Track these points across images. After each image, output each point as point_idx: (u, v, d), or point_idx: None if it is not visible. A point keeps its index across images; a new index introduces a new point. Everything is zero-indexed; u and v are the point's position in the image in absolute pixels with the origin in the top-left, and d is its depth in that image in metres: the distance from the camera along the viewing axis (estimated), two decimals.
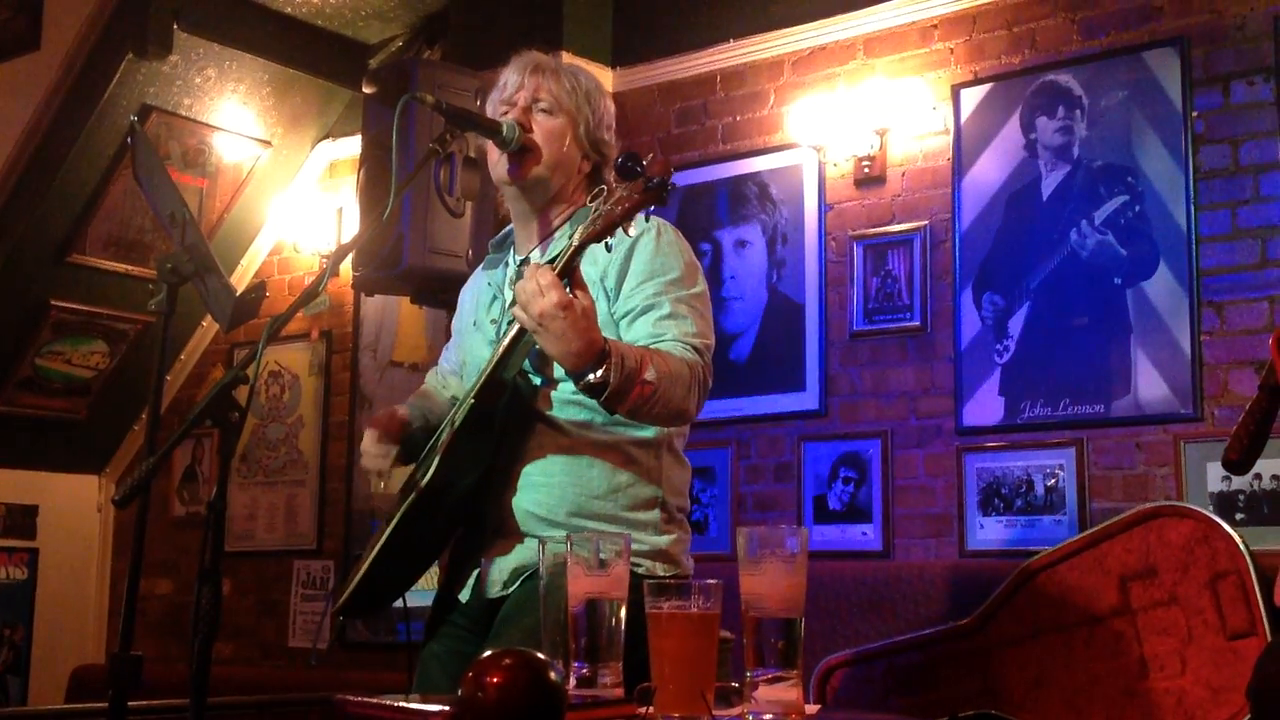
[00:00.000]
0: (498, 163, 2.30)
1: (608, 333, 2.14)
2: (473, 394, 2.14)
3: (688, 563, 2.27)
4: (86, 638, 6.47)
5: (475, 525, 2.27)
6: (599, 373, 1.97)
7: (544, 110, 2.29)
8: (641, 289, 2.18)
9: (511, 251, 2.39)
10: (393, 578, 2.25)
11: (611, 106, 2.39)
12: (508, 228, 2.42)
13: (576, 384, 2.02)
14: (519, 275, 2.30)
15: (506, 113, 2.29)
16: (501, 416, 2.16)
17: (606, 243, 1.97)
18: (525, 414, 2.13)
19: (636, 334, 2.16)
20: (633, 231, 1.96)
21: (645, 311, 2.17)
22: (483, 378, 2.13)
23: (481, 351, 2.28)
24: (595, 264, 2.17)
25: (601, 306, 2.16)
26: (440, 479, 2.13)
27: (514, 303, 2.02)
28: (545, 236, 2.30)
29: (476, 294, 2.45)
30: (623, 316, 2.18)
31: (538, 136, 2.27)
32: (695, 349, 2.15)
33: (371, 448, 2.31)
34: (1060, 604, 3.77)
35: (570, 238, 2.00)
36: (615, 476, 2.19)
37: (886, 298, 4.51)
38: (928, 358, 4.41)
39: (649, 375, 2.01)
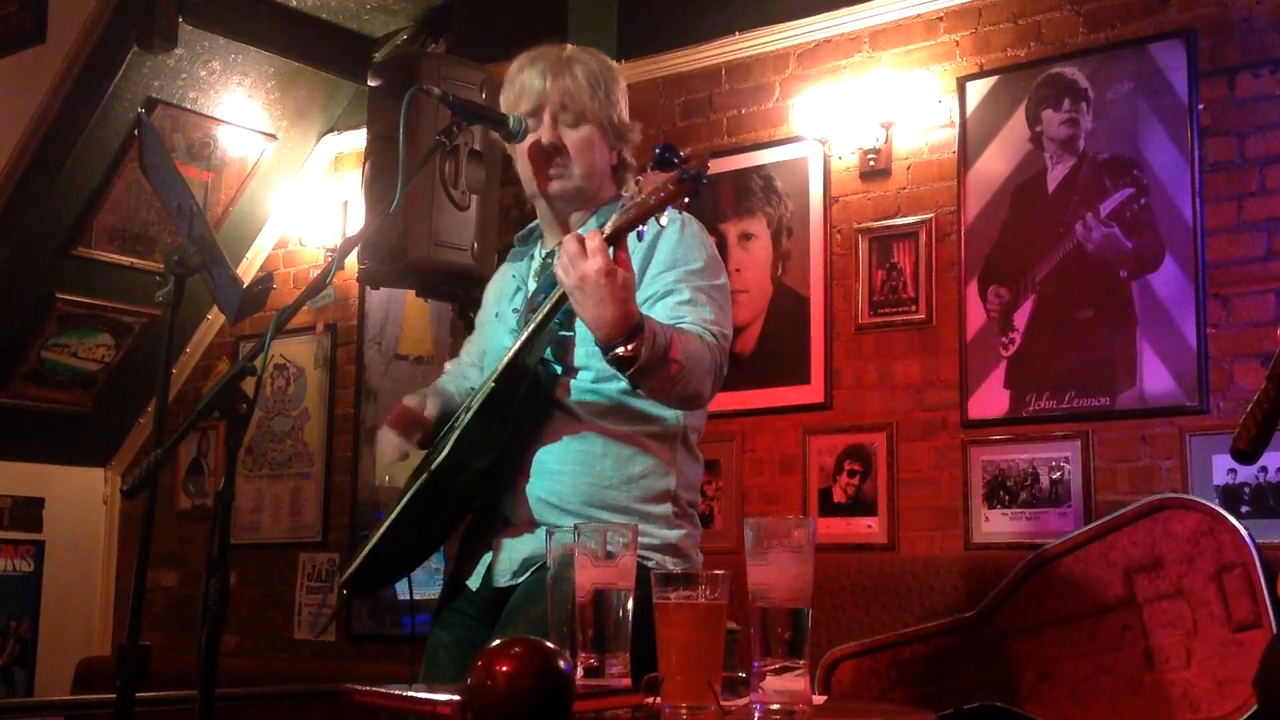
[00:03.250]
0: (530, 180, 2.30)
1: None
2: (493, 378, 2.14)
3: (697, 557, 2.28)
4: (92, 629, 6.49)
5: (487, 512, 2.27)
6: (630, 346, 1.93)
7: (570, 124, 2.28)
8: (663, 276, 2.18)
9: (539, 245, 2.40)
10: (399, 556, 2.27)
11: (622, 83, 2.36)
12: (534, 222, 2.43)
13: (605, 355, 1.98)
14: (544, 267, 2.31)
15: (530, 128, 2.28)
16: (519, 403, 2.17)
17: (639, 230, 1.96)
18: (543, 401, 2.13)
19: (655, 317, 2.15)
20: (664, 221, 1.94)
21: (665, 296, 2.16)
22: (504, 362, 2.13)
23: (502, 340, 2.28)
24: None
25: None
26: (453, 461, 2.14)
27: (542, 290, 2.01)
28: (574, 228, 2.30)
29: (501, 285, 2.45)
30: (643, 302, 2.18)
31: (570, 148, 2.26)
32: (714, 335, 2.15)
33: (391, 436, 2.32)
34: (1066, 596, 3.78)
35: (602, 226, 1.99)
36: (629, 467, 2.20)
37: (891, 290, 4.51)
38: (933, 350, 4.41)
39: (678, 354, 2.00)
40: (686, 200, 1.92)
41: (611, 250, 1.93)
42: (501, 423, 2.16)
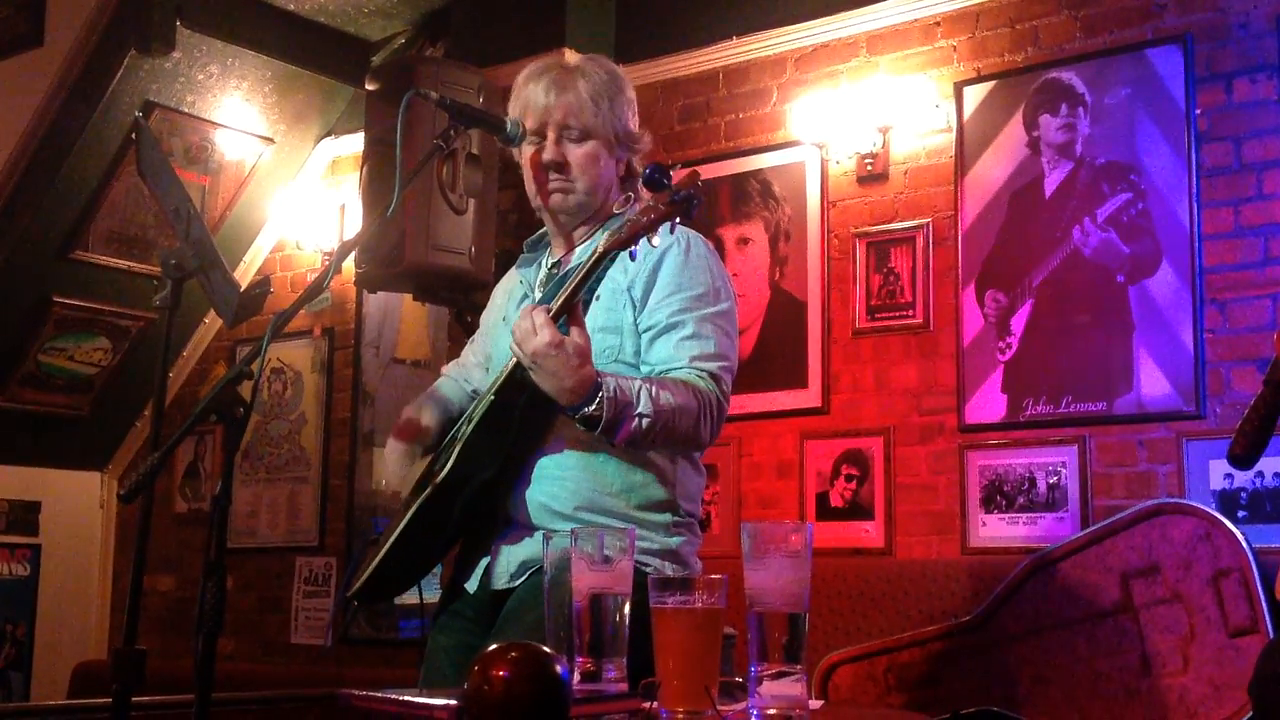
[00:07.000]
0: (534, 194, 2.31)
1: (629, 342, 2.17)
2: (494, 390, 2.15)
3: (696, 564, 2.28)
4: (89, 633, 6.48)
5: (487, 516, 2.27)
6: (594, 407, 2.01)
7: (574, 139, 2.27)
8: (666, 303, 2.18)
9: (546, 252, 2.39)
10: (406, 567, 2.27)
11: (630, 93, 2.34)
12: (543, 229, 2.42)
13: (572, 418, 2.05)
14: (549, 277, 2.31)
15: (538, 146, 2.27)
16: (520, 412, 2.17)
17: (631, 251, 1.97)
18: (545, 409, 2.13)
19: (657, 354, 2.17)
20: (657, 242, 1.96)
21: (668, 330, 2.17)
22: (504, 375, 2.13)
23: (508, 348, 2.28)
24: (625, 272, 2.17)
25: (627, 316, 2.18)
26: (457, 473, 2.15)
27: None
28: (579, 240, 2.31)
29: (510, 290, 2.45)
30: (646, 330, 2.19)
31: (573, 165, 2.26)
32: (712, 374, 2.16)
33: (398, 449, 2.33)
34: (1062, 601, 3.78)
35: (595, 247, 1.99)
36: (630, 475, 2.20)
37: (889, 295, 4.51)
38: (930, 355, 4.41)
39: (643, 409, 2.04)
40: (679, 220, 1.94)
41: (565, 317, 1.97)
42: (503, 433, 2.17)
